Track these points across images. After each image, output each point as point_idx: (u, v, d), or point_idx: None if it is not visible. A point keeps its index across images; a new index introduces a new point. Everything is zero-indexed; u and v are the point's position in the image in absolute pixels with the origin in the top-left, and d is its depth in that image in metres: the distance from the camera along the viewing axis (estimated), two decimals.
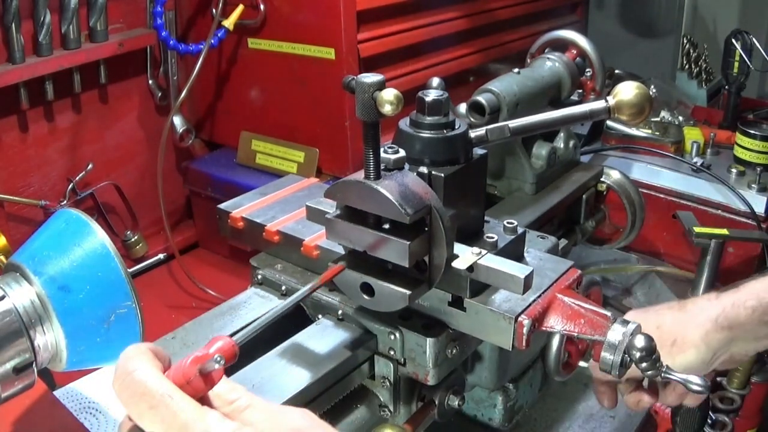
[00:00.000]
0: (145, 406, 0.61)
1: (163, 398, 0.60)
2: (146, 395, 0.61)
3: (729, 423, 1.28)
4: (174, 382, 0.62)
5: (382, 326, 0.94)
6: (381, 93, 0.72)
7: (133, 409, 0.62)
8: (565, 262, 0.96)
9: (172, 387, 0.61)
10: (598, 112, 0.93)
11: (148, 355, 0.63)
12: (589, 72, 1.49)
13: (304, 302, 1.00)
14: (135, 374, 0.61)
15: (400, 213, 0.76)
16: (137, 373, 0.61)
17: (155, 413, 0.60)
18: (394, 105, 0.71)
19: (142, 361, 0.62)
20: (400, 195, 0.77)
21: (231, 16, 1.67)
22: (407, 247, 0.79)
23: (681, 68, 2.37)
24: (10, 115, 1.57)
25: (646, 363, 0.79)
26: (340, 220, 0.84)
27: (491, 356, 1.10)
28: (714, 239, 1.54)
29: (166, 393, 0.61)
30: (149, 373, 0.62)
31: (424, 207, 0.78)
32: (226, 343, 0.64)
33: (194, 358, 0.63)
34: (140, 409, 0.61)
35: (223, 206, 1.13)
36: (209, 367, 0.62)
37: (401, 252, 0.80)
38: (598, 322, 0.83)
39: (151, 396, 0.60)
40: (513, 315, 0.85)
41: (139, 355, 0.63)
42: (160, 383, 0.61)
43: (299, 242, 1.03)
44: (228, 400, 0.65)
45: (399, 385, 0.97)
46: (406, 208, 0.76)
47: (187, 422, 0.60)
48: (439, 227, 0.80)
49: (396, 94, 0.71)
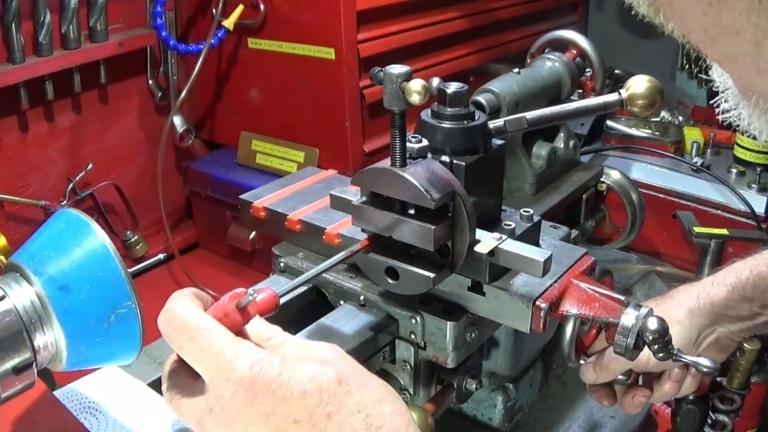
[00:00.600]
0: (185, 338, 0.67)
1: (200, 330, 0.66)
2: (186, 328, 0.67)
3: (729, 423, 1.28)
4: (213, 316, 0.68)
5: (403, 311, 0.97)
6: (408, 83, 0.74)
7: (175, 342, 0.68)
8: (579, 250, 0.99)
9: (210, 320, 0.67)
10: (611, 105, 0.96)
11: (189, 296, 0.70)
12: (589, 72, 1.49)
13: (327, 288, 1.04)
14: (176, 311, 0.68)
15: (425, 198, 0.79)
16: (178, 310, 0.68)
17: (193, 343, 0.66)
18: (422, 95, 0.74)
19: (182, 300, 0.69)
20: (425, 181, 0.80)
21: (231, 16, 1.67)
22: (432, 232, 0.82)
23: (681, 68, 2.37)
24: (10, 115, 1.57)
25: (659, 345, 0.82)
26: (366, 206, 0.87)
27: (507, 342, 1.14)
28: (714, 239, 1.54)
29: (203, 325, 0.67)
30: (188, 309, 0.68)
31: (449, 193, 0.81)
32: (268, 294, 0.70)
33: (232, 294, 0.68)
34: (180, 342, 0.68)
35: (245, 196, 1.16)
36: (244, 301, 0.67)
37: (426, 236, 0.82)
38: (612, 306, 0.86)
39: (189, 328, 0.67)
40: (531, 299, 0.88)
41: (180, 296, 0.70)
42: (198, 317, 0.67)
43: (321, 231, 1.06)
44: (265, 337, 0.71)
45: (419, 368, 1.01)
46: (431, 193, 0.79)
47: (221, 350, 0.65)
48: (462, 212, 0.83)
49: (423, 84, 0.74)
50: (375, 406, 0.65)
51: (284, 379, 0.63)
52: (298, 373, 0.64)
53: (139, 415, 1.03)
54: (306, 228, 1.09)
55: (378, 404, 0.65)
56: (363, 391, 0.65)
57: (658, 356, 0.82)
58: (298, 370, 0.64)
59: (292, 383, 0.63)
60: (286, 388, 0.63)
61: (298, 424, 0.62)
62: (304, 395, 0.63)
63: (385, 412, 0.65)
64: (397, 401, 0.68)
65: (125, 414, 1.04)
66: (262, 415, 0.63)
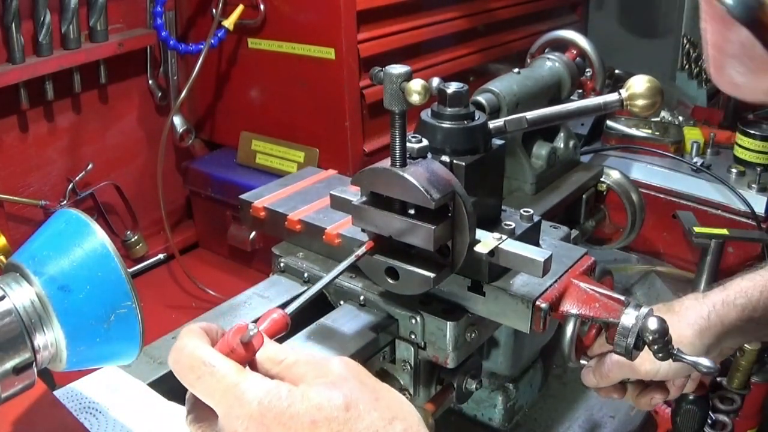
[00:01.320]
0: (194, 377, 0.68)
1: (208, 368, 0.67)
2: (194, 367, 0.68)
3: (729, 423, 1.28)
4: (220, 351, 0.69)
5: (403, 311, 0.98)
6: (408, 83, 0.75)
7: (185, 380, 0.69)
8: (579, 250, 0.99)
9: (216, 357, 0.68)
10: (611, 105, 0.96)
11: (197, 333, 0.71)
12: (589, 72, 1.49)
13: (327, 289, 1.04)
14: (184, 350, 0.69)
15: (425, 198, 0.79)
16: (186, 348, 0.69)
17: (202, 382, 0.67)
18: (422, 94, 0.74)
19: (190, 338, 0.70)
20: (425, 181, 0.80)
21: (231, 16, 1.67)
22: (432, 232, 0.82)
23: (681, 68, 2.37)
24: (10, 115, 1.57)
25: (659, 345, 0.82)
26: (366, 206, 0.88)
27: (507, 342, 1.14)
28: (714, 239, 1.54)
29: (210, 363, 0.67)
30: (196, 348, 0.69)
31: (449, 193, 0.82)
32: (279, 315, 0.73)
33: (236, 328, 0.69)
34: (190, 380, 0.68)
35: (245, 196, 1.17)
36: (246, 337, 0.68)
37: (426, 236, 0.83)
38: (612, 306, 0.87)
39: (197, 367, 0.67)
40: (531, 299, 0.88)
41: (189, 333, 0.70)
42: (205, 355, 0.68)
43: (321, 230, 1.06)
44: (277, 360, 0.71)
45: (419, 368, 1.02)
46: (431, 194, 0.79)
47: (229, 386, 0.66)
48: (462, 212, 0.83)
49: (423, 84, 0.74)
50: (386, 427, 0.66)
51: (294, 411, 0.64)
52: (306, 402, 0.65)
53: (139, 415, 1.03)
54: (306, 228, 1.09)
55: (389, 425, 0.66)
56: (373, 413, 0.66)
57: (658, 356, 0.82)
58: (306, 399, 0.65)
59: (301, 414, 0.64)
60: (296, 419, 0.64)
61: None
62: (315, 426, 0.64)
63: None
64: (408, 418, 0.68)
65: (125, 414, 1.04)
66: None
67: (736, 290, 1.06)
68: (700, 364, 0.82)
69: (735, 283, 1.07)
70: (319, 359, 0.71)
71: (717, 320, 1.04)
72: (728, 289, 1.07)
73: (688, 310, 1.06)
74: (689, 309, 1.06)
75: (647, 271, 1.76)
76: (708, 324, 1.04)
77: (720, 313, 1.04)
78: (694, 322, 1.04)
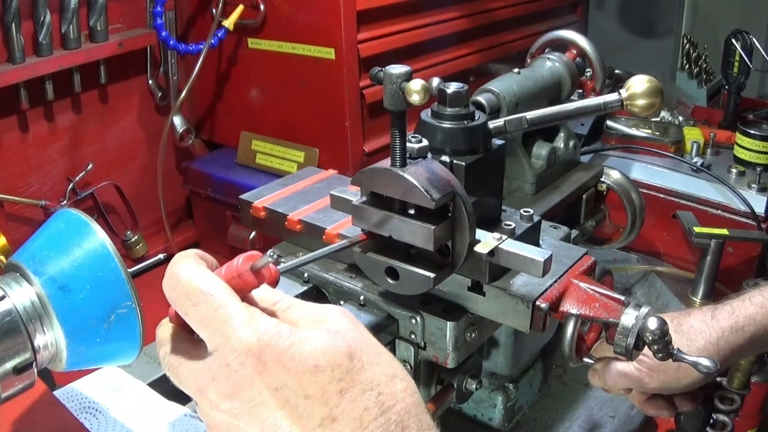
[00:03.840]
0: (189, 303, 0.64)
1: (205, 295, 0.64)
2: (190, 294, 0.64)
3: (729, 423, 1.28)
4: (225, 276, 0.65)
5: (403, 311, 0.97)
6: (408, 83, 0.74)
7: (180, 308, 0.66)
8: (579, 250, 0.99)
9: (215, 284, 0.64)
10: (611, 105, 0.96)
11: (192, 257, 0.67)
12: (589, 72, 1.49)
13: (327, 288, 1.05)
14: (181, 275, 0.65)
15: (425, 198, 0.79)
16: (182, 273, 0.65)
17: (197, 309, 0.64)
18: (422, 95, 0.73)
19: (186, 262, 0.66)
20: (425, 181, 0.80)
21: (231, 16, 1.67)
22: (432, 232, 0.82)
23: (681, 68, 2.37)
24: (10, 115, 1.57)
25: (659, 345, 0.82)
26: (366, 206, 0.87)
27: (507, 342, 1.14)
28: (714, 239, 1.54)
29: (208, 290, 0.64)
30: (193, 272, 0.65)
31: (449, 193, 0.81)
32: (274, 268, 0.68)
33: (247, 255, 0.66)
34: (185, 308, 0.65)
35: (245, 196, 1.17)
36: (261, 263, 0.65)
37: (426, 236, 0.83)
38: (612, 306, 0.86)
39: (193, 294, 0.64)
40: (531, 299, 0.88)
41: (183, 258, 0.67)
42: (203, 280, 0.64)
43: (321, 231, 1.06)
44: (271, 302, 0.68)
45: (419, 368, 1.02)
46: (431, 193, 0.79)
47: (227, 317, 0.62)
48: (462, 212, 0.83)
49: (423, 84, 0.73)
50: (387, 383, 0.62)
51: (295, 352, 0.61)
52: (310, 345, 0.61)
53: (139, 415, 1.03)
54: (306, 228, 1.09)
55: (390, 381, 0.63)
56: (376, 367, 0.63)
57: (658, 356, 0.82)
58: (309, 341, 0.61)
59: (304, 356, 0.61)
60: (298, 361, 0.60)
61: (309, 400, 0.60)
62: (317, 370, 0.60)
63: (397, 390, 0.62)
64: (407, 378, 0.65)
65: (125, 414, 1.04)
66: (271, 389, 0.61)
67: (745, 316, 1.06)
68: (700, 364, 0.82)
69: (744, 308, 1.07)
70: (316, 306, 0.68)
71: (726, 347, 1.05)
72: (737, 313, 1.07)
73: (697, 334, 1.06)
74: (698, 334, 1.06)
75: (647, 271, 1.76)
76: (717, 350, 1.05)
77: (729, 340, 1.05)
78: (703, 348, 1.05)
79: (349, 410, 0.60)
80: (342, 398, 0.60)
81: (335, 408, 0.60)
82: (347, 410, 0.60)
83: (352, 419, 0.60)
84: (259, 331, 0.62)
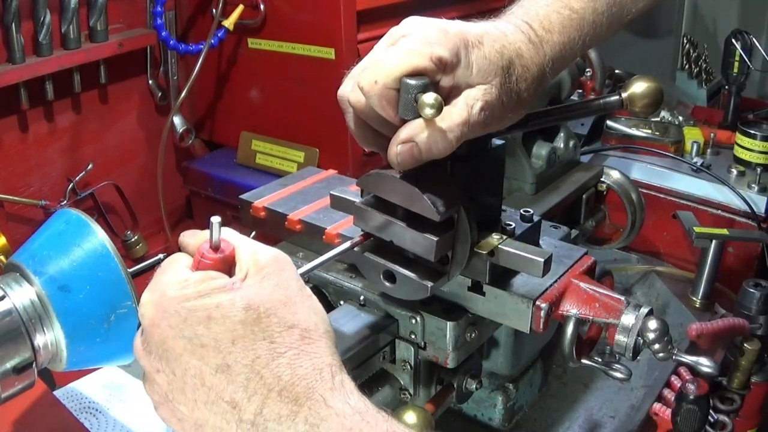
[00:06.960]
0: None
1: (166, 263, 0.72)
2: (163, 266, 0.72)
3: (729, 423, 1.28)
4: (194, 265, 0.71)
5: (403, 311, 0.97)
6: (423, 96, 0.73)
7: None
8: (579, 250, 0.99)
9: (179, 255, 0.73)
10: (611, 105, 0.96)
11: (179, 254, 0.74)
12: (589, 72, 1.49)
13: (327, 289, 1.04)
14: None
15: (431, 211, 0.79)
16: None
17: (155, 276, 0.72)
18: (435, 110, 0.72)
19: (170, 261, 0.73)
20: (433, 194, 0.80)
21: (231, 16, 1.67)
22: (435, 243, 0.82)
23: (681, 68, 2.37)
24: (10, 115, 1.57)
25: (659, 345, 0.82)
26: (369, 209, 0.87)
27: (507, 342, 1.13)
28: (714, 239, 1.54)
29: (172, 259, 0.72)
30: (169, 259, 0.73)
31: (454, 207, 0.81)
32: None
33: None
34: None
35: (245, 196, 1.16)
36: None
37: (428, 247, 0.82)
38: (612, 306, 0.86)
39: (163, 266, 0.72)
40: (531, 299, 0.88)
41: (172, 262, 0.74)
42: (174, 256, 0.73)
43: (321, 231, 1.06)
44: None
45: (419, 368, 1.01)
46: (438, 207, 0.79)
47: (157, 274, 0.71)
48: (465, 225, 0.83)
49: (436, 97, 0.72)
50: (281, 333, 0.67)
51: (192, 305, 0.67)
52: (207, 299, 0.67)
53: (139, 415, 1.04)
54: (306, 228, 1.09)
55: (285, 331, 0.67)
56: (273, 317, 0.67)
57: (658, 356, 0.82)
58: (207, 296, 0.67)
59: (198, 308, 0.67)
60: (193, 312, 0.67)
61: (204, 348, 0.66)
62: (209, 320, 0.66)
63: (292, 339, 0.67)
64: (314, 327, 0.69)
65: (125, 414, 1.04)
66: (170, 337, 0.67)
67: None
68: (700, 364, 0.82)
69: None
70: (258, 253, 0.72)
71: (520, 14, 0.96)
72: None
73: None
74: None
75: (647, 271, 1.76)
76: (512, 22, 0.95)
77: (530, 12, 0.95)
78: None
79: (241, 358, 0.66)
80: (234, 346, 0.66)
81: (228, 356, 0.66)
82: (239, 358, 0.66)
83: (244, 366, 0.65)
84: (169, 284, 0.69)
